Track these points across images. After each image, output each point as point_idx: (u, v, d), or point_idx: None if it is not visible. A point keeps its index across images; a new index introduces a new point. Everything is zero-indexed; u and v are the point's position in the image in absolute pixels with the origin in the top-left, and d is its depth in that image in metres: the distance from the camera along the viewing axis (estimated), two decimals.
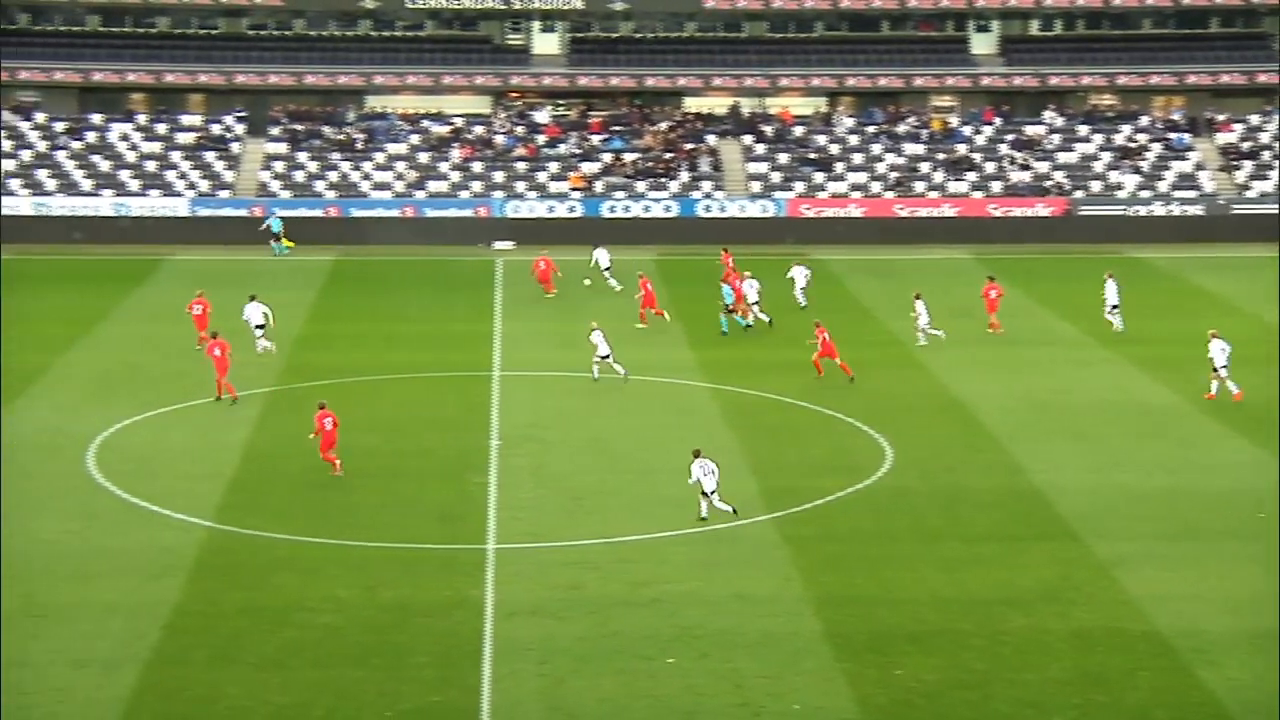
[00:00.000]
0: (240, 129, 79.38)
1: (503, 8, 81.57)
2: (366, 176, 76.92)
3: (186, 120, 79.67)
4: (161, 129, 78.82)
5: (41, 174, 75.23)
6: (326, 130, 79.67)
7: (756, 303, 54.63)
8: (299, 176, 76.60)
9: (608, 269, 61.23)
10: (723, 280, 54.95)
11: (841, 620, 29.61)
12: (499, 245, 71.62)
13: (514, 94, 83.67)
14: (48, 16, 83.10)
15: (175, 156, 77.21)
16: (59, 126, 78.10)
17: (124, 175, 75.76)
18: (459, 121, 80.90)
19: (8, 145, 76.68)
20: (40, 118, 78.58)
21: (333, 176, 76.73)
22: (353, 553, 32.87)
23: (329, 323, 56.17)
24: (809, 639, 28.87)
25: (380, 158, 78.06)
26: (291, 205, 74.25)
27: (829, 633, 29.08)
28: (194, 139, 78.29)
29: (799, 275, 57.49)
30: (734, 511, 34.57)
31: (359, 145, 78.71)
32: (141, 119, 79.33)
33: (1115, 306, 53.81)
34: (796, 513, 35.62)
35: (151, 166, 76.51)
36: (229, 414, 43.28)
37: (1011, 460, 39.65)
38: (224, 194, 75.48)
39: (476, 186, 76.73)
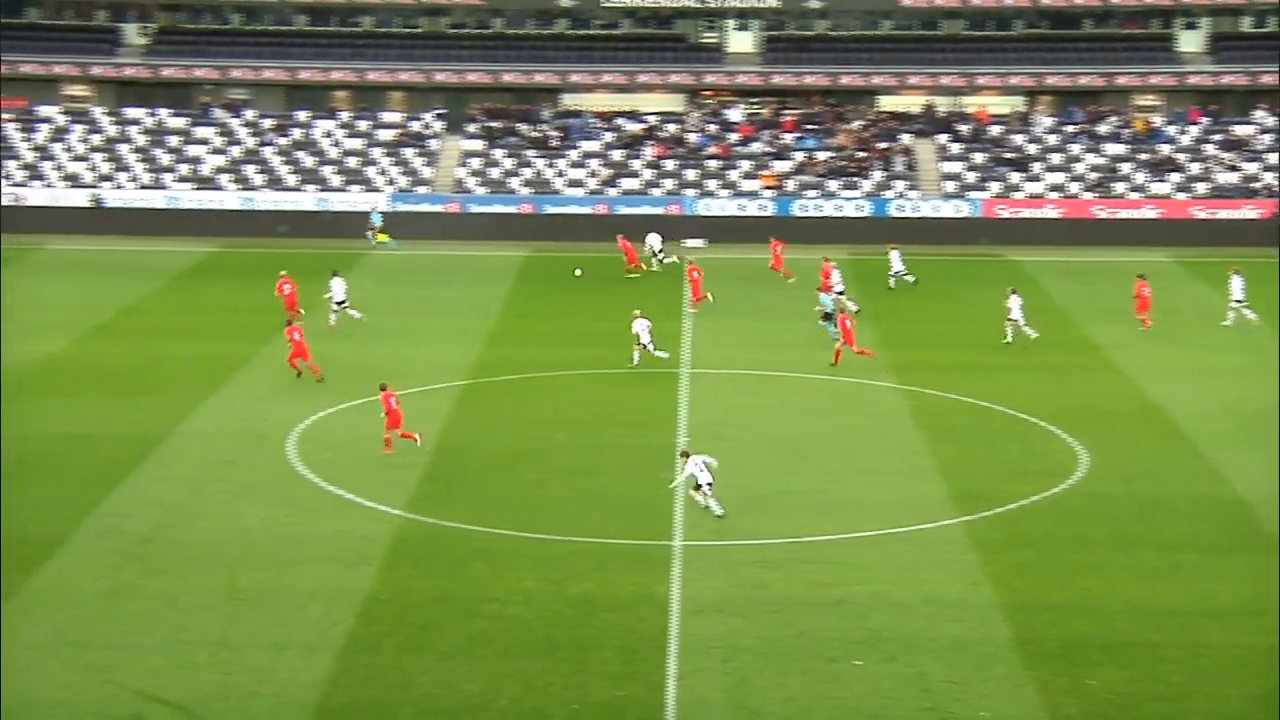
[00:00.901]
0: (439, 126, 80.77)
1: (698, 6, 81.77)
2: (560, 174, 77.71)
3: (387, 118, 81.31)
4: (363, 126, 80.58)
5: (249, 170, 77.40)
6: (522, 128, 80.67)
7: (841, 292, 54.94)
8: (495, 173, 77.69)
9: (660, 251, 63.19)
10: (819, 290, 54.30)
11: (1032, 627, 29.12)
12: (690, 244, 71.78)
13: (707, 92, 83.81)
14: (258, 16, 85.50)
15: (376, 153, 78.88)
16: (267, 123, 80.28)
17: (327, 171, 77.62)
18: (652, 120, 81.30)
19: (218, 141, 79.04)
20: (249, 115, 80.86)
21: (527, 174, 77.68)
22: (541, 546, 33.22)
23: (520, 318, 56.84)
24: (998, 645, 28.44)
25: (574, 155, 78.80)
26: (487, 202, 75.37)
27: (1019, 640, 28.62)
28: (394, 136, 79.88)
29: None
30: (721, 515, 34.30)
31: (554, 143, 79.54)
32: (344, 116, 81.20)
33: (1240, 302, 53.48)
34: (987, 517, 35.10)
35: (353, 163, 78.25)
36: (423, 406, 44.00)
37: (1213, 468, 38.57)
38: (422, 190, 76.86)
39: (668, 184, 77.03)
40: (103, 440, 40.39)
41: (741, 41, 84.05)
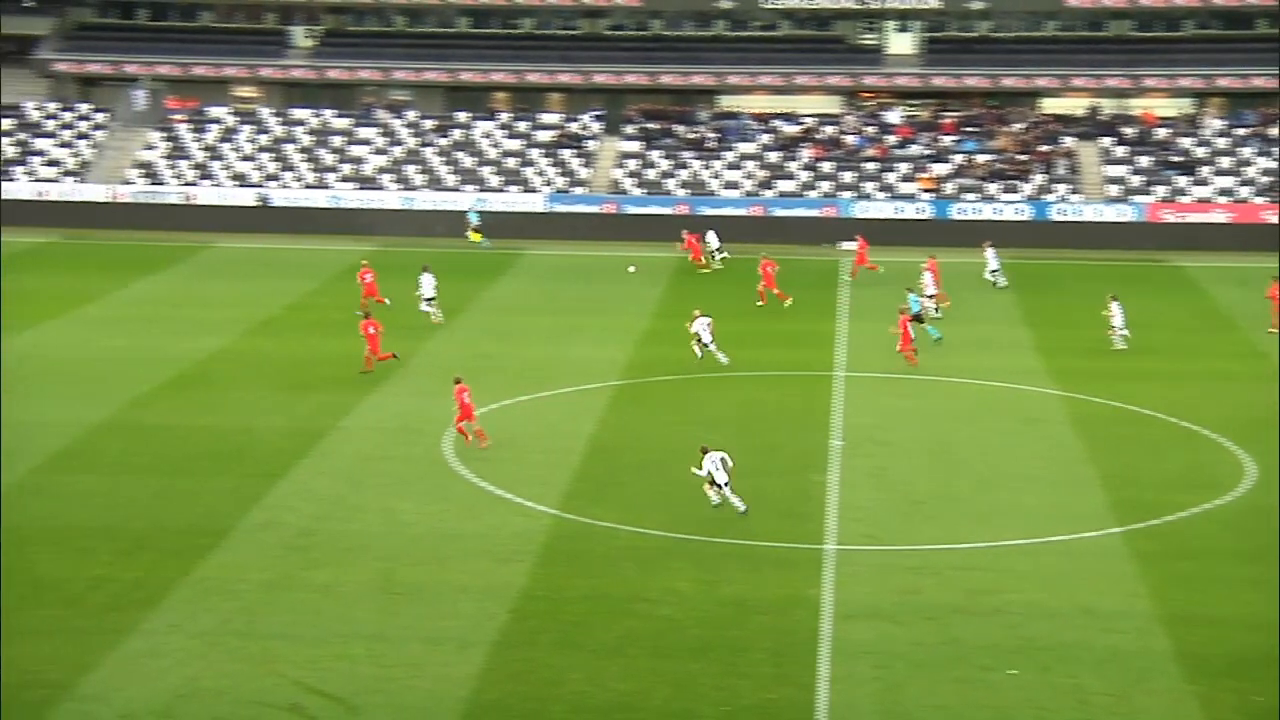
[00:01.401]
0: (597, 127, 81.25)
1: (858, 8, 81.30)
2: (716, 175, 77.74)
3: (546, 119, 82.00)
4: (522, 127, 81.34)
5: (410, 170, 78.57)
6: (679, 129, 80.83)
7: (931, 295, 55.07)
8: (651, 174, 77.95)
9: (718, 249, 64.78)
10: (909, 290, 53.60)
11: (1194, 640, 28.47)
12: (845, 246, 71.35)
13: (866, 94, 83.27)
14: (421, 19, 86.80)
15: (534, 154, 79.58)
16: (428, 124, 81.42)
17: (485, 171, 78.50)
18: (810, 121, 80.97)
19: (380, 142, 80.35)
20: (411, 115, 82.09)
21: (684, 175, 77.82)
22: (693, 547, 33.25)
23: (675, 319, 56.87)
24: (1158, 658, 27.86)
25: (731, 157, 78.77)
26: (643, 203, 75.66)
27: (1180, 652, 27.99)
28: (552, 137, 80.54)
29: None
30: (744, 511, 34.43)
31: (710, 144, 79.60)
32: (504, 117, 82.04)
33: None
34: (1146, 527, 34.39)
35: (511, 163, 79.05)
36: (577, 405, 44.34)
37: None
38: (579, 190, 77.39)
39: (825, 187, 76.66)
40: (265, 434, 41.27)
41: (901, 43, 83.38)
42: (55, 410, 42.97)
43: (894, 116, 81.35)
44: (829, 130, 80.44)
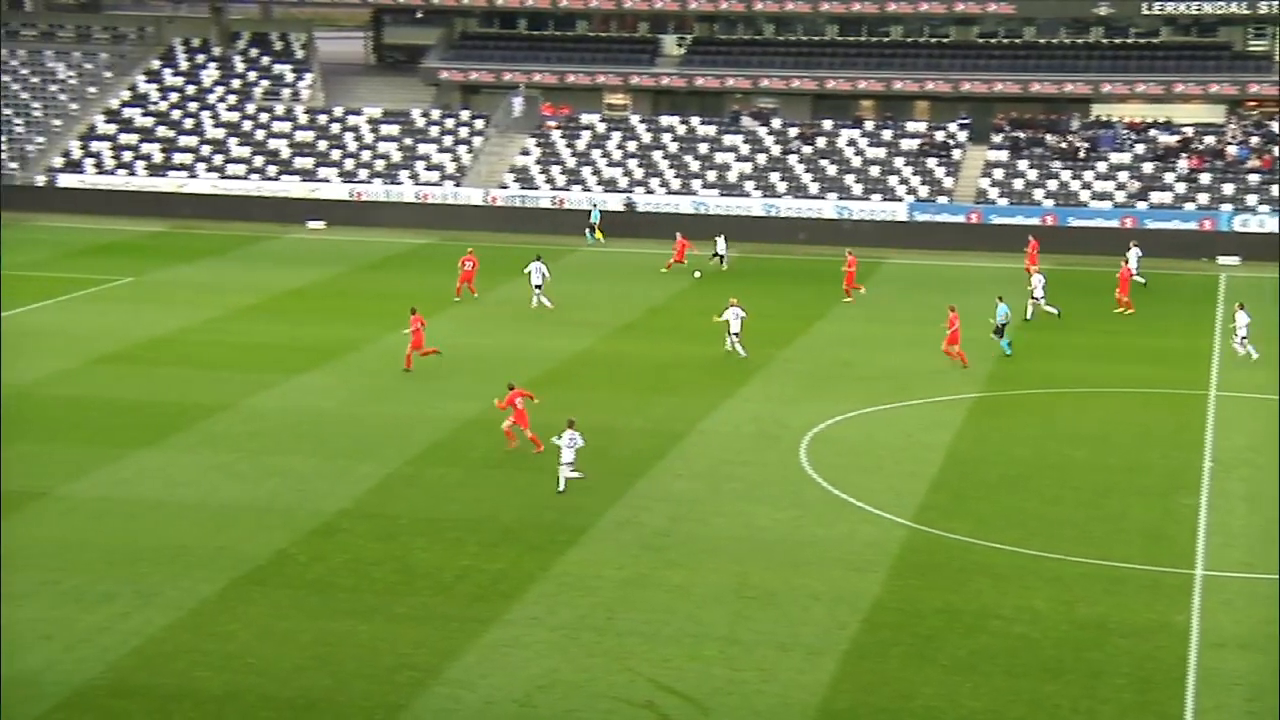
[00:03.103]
0: (963, 136, 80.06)
1: (1247, 13, 77.75)
2: (1087, 185, 75.59)
3: (911, 127, 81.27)
4: (887, 135, 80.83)
5: (774, 177, 79.04)
6: (1049, 138, 78.93)
7: (1039, 298, 56.16)
8: (1018, 184, 76.36)
9: (722, 255, 65.12)
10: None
11: None
12: (1222, 261, 68.45)
13: (1251, 103, 79.58)
14: (789, 27, 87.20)
15: (898, 162, 78.98)
16: (793, 132, 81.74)
17: (848, 180, 78.33)
18: (1189, 131, 77.91)
19: (745, 149, 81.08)
20: (776, 123, 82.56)
21: (1052, 185, 75.95)
22: (1051, 565, 32.44)
23: (1044, 331, 55.59)
24: None
25: (1102, 167, 76.48)
26: (1008, 212, 74.19)
27: None
28: (917, 145, 79.76)
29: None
30: (568, 483, 36.32)
31: (1081, 154, 77.44)
32: (869, 125, 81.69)
33: None
34: None
35: (875, 171, 78.64)
36: (934, 416, 43.80)
37: None
38: (942, 200, 76.42)
39: (1202, 199, 73.65)
40: (626, 434, 42.14)
41: None
42: (429, 405, 44.87)
43: None
44: (1209, 140, 77.23)
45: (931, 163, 78.55)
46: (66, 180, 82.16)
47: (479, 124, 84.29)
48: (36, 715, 25.62)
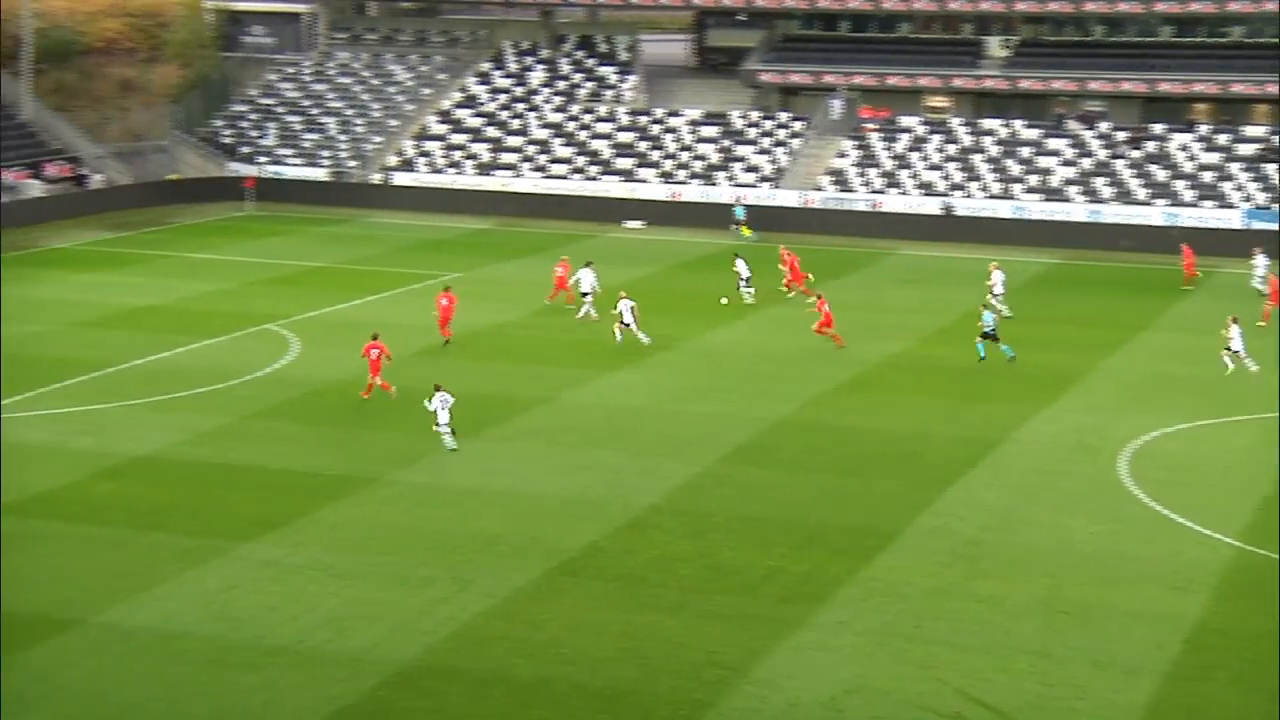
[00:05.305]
0: None
1: None
2: None
3: (1250, 131, 77.94)
4: (1222, 140, 77.70)
5: (1099, 182, 76.84)
6: None
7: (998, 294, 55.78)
8: None
9: (746, 281, 59.40)
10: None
11: None
12: None
13: None
14: (1120, 28, 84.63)
15: (1233, 168, 75.83)
16: (1120, 136, 79.31)
17: (1179, 185, 75.58)
18: None
19: (1070, 153, 79.05)
20: (1103, 127, 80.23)
21: None
22: None
23: None
24: None
25: None
26: None
27: None
28: (1255, 150, 76.43)
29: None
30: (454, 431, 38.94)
31: None
32: (1203, 129, 78.66)
33: None
34: None
35: (1208, 178, 75.68)
36: (1264, 433, 41.91)
37: None
38: (1277, 207, 73.05)
39: None
40: (938, 440, 41.57)
41: None
42: (740, 405, 45.08)
43: None
44: None
45: (1270, 169, 75.14)
46: (401, 179, 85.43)
47: (797, 126, 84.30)
48: (362, 691, 26.70)
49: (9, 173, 79.07)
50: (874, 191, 79.12)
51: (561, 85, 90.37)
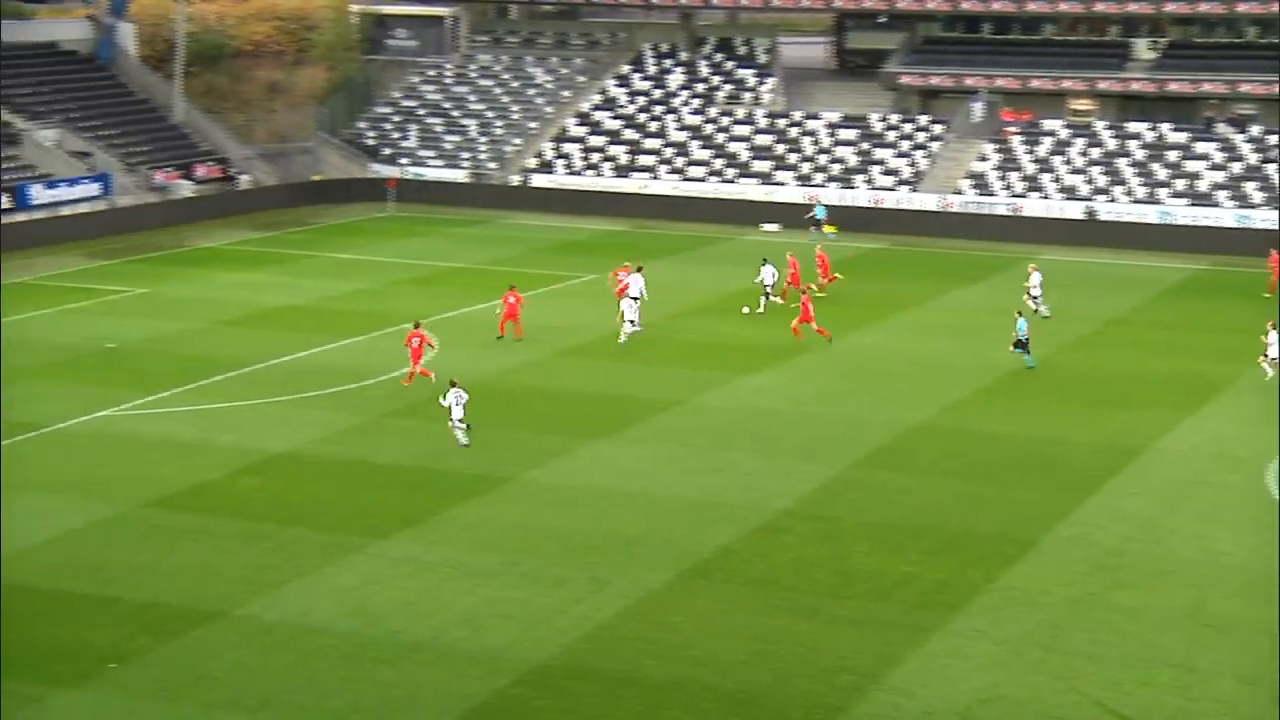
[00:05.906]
0: None
1: None
2: None
3: None
4: None
5: (1249, 186, 75.15)
6: None
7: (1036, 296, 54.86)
8: None
9: (769, 286, 57.74)
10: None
11: None
12: None
13: None
14: (1273, 28, 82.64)
15: None
16: (1272, 139, 77.51)
17: None
18: None
19: (1219, 157, 77.41)
20: (1255, 130, 78.45)
21: None
22: None
23: None
24: None
25: None
26: None
27: None
28: None
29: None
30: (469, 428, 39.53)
31: None
32: None
33: None
34: None
35: None
36: None
37: None
38: None
39: None
40: (1079, 448, 40.93)
41: None
42: (876, 409, 44.76)
43: None
44: None
45: None
46: (539, 180, 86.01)
47: (937, 129, 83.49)
48: (496, 689, 26.92)
49: (161, 173, 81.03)
50: (1015, 195, 78.10)
51: (700, 88, 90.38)
